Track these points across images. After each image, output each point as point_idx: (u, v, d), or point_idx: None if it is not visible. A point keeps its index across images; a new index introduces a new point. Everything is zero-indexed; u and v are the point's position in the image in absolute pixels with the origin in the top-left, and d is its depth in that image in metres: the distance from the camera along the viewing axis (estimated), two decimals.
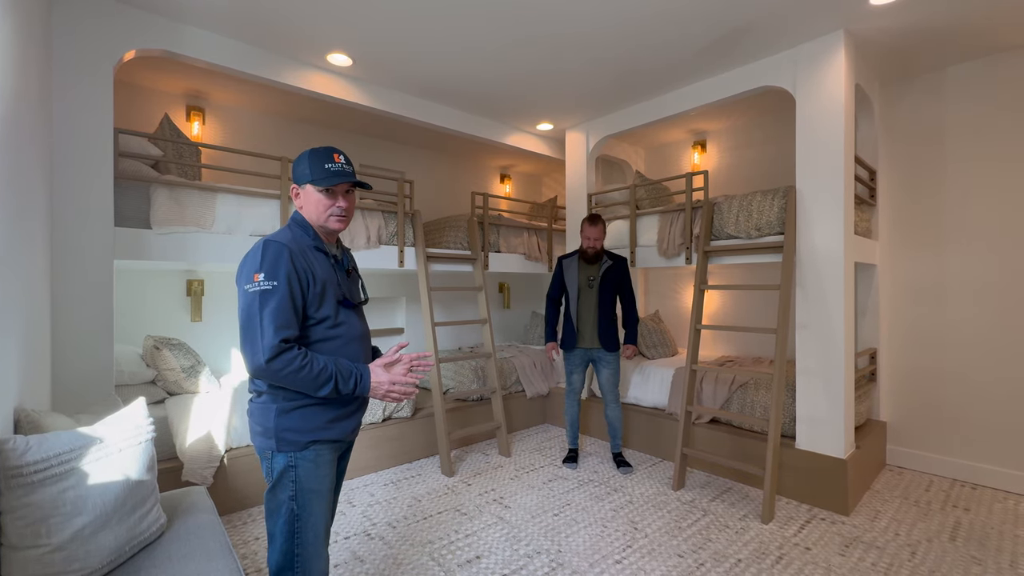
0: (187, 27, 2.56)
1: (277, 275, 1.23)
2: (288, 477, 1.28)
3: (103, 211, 2.27)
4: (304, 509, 1.29)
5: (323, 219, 1.37)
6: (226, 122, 3.76)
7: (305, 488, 1.29)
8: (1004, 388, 2.89)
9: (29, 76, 1.64)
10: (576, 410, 3.36)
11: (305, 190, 1.36)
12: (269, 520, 1.30)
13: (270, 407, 1.28)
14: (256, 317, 1.20)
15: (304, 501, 1.29)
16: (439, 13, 2.46)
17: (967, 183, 3.03)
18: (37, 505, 1.10)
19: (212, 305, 3.51)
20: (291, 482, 1.28)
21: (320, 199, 1.35)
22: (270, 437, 1.27)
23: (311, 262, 1.31)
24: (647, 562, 2.14)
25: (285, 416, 1.28)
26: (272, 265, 1.23)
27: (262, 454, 1.30)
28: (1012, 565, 2.12)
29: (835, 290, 2.67)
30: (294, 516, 1.28)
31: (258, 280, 1.22)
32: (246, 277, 1.24)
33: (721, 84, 3.17)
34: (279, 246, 1.26)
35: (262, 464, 1.31)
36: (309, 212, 1.37)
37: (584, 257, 3.20)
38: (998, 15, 2.49)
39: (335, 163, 1.34)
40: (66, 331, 2.16)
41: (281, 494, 1.28)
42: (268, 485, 1.30)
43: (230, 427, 2.63)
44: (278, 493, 1.29)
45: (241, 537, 2.35)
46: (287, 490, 1.28)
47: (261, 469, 1.33)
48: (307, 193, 1.36)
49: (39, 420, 1.33)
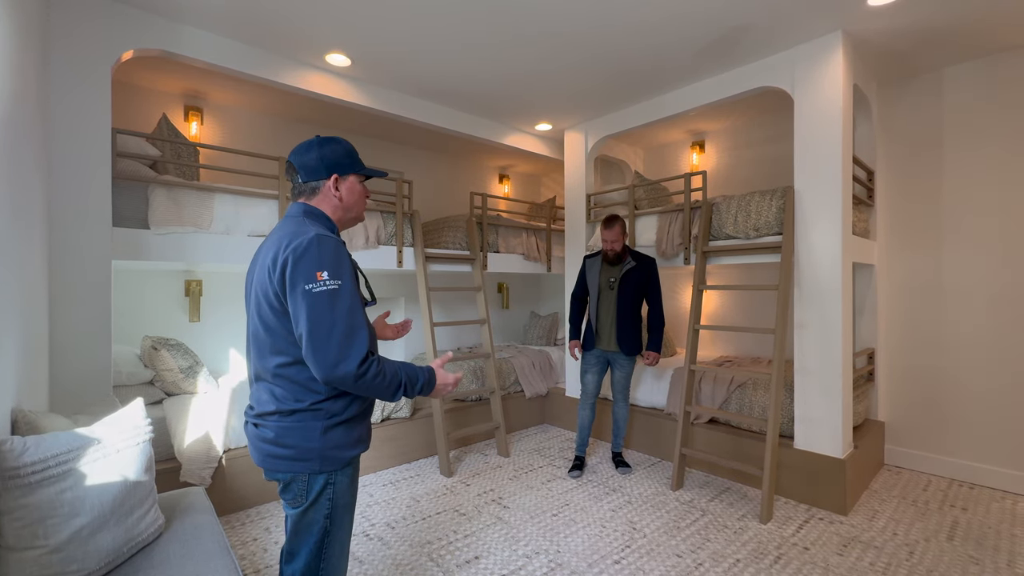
0: (185, 27, 2.55)
1: (341, 273, 1.13)
2: (325, 496, 1.19)
3: (101, 211, 2.26)
4: (335, 525, 1.22)
5: (359, 210, 1.33)
6: (224, 122, 3.75)
7: (339, 505, 1.22)
8: (1002, 388, 2.90)
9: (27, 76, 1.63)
10: (589, 416, 3.20)
11: (349, 180, 1.28)
12: (296, 538, 1.21)
13: (313, 424, 1.16)
14: (329, 321, 1.09)
15: (337, 517, 1.22)
16: (438, 13, 2.46)
17: (965, 183, 3.04)
18: (35, 506, 1.10)
19: (210, 305, 3.51)
20: (328, 500, 1.19)
21: (361, 190, 1.31)
22: (311, 458, 1.16)
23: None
24: (646, 562, 2.15)
25: (331, 432, 1.17)
26: (335, 262, 1.13)
27: (294, 477, 1.17)
28: (1010, 564, 2.13)
29: (833, 290, 2.67)
30: (325, 533, 1.21)
31: (322, 279, 1.10)
32: (306, 275, 1.10)
33: (720, 84, 3.17)
34: (335, 241, 1.16)
35: (289, 486, 1.18)
36: (348, 203, 1.29)
37: (606, 258, 3.11)
38: (995, 16, 2.50)
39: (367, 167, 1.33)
40: (64, 331, 2.15)
41: (315, 514, 1.19)
42: (299, 506, 1.18)
43: (228, 428, 2.63)
44: (311, 513, 1.19)
45: (239, 538, 2.35)
46: (323, 509, 1.19)
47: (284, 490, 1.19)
48: (351, 183, 1.29)
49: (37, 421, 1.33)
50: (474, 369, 3.84)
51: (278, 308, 1.14)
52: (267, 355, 1.18)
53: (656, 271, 3.11)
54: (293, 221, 1.22)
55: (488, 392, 3.63)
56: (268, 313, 1.16)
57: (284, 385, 1.17)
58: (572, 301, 3.34)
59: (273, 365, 1.17)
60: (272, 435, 1.17)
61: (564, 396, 4.17)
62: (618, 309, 3.05)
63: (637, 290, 3.06)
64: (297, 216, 1.24)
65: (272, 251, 1.16)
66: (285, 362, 1.16)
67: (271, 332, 1.17)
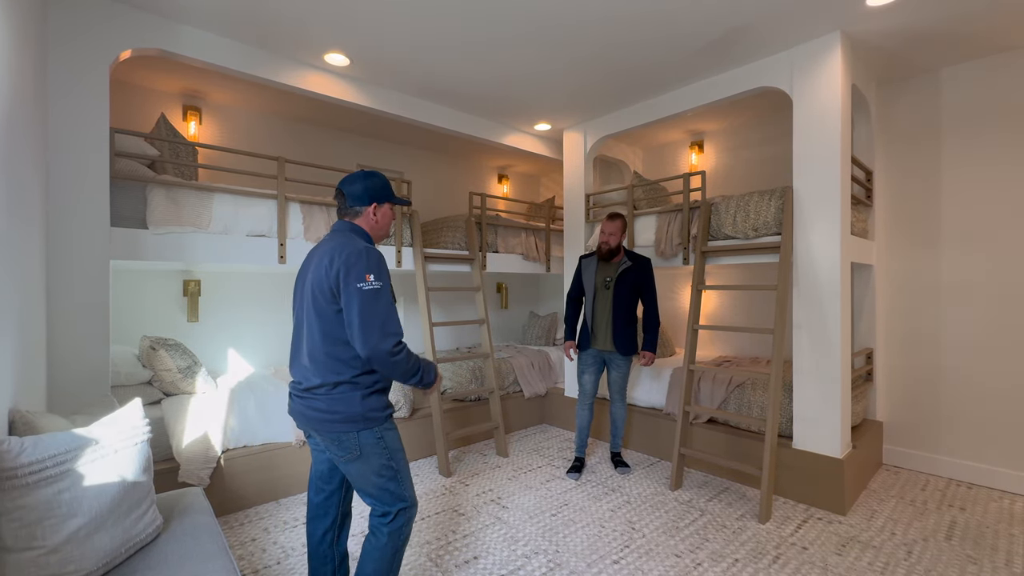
0: (183, 26, 2.55)
1: (383, 277, 1.48)
2: (380, 446, 1.51)
3: (99, 211, 2.26)
4: (398, 463, 1.55)
5: (388, 231, 1.72)
6: (223, 122, 3.75)
7: (393, 448, 1.55)
8: (1000, 387, 2.90)
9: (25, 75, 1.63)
10: (587, 416, 3.20)
11: (384, 207, 1.66)
12: (361, 481, 1.51)
13: (353, 394, 1.49)
14: (373, 311, 1.43)
15: (397, 458, 1.55)
16: (437, 13, 2.46)
17: (963, 184, 3.04)
18: (32, 507, 1.09)
19: (209, 305, 3.50)
20: (383, 449, 1.52)
21: (391, 214, 1.71)
22: (356, 420, 1.48)
23: None
24: (644, 562, 2.15)
25: (368, 399, 1.51)
26: (378, 268, 1.48)
27: (343, 435, 1.48)
28: (1007, 564, 2.13)
29: (832, 290, 2.68)
30: (393, 471, 1.53)
31: (370, 280, 1.45)
32: (357, 276, 1.44)
33: (719, 85, 3.17)
34: (379, 253, 1.53)
35: (342, 443, 1.49)
36: (382, 224, 1.67)
37: (601, 255, 3.10)
38: (993, 17, 2.51)
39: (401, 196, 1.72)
40: (62, 331, 2.15)
41: (375, 462, 1.50)
42: (354, 459, 1.49)
43: (227, 428, 2.62)
44: (371, 461, 1.50)
45: (238, 538, 2.35)
46: (381, 457, 1.51)
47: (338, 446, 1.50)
48: (385, 210, 1.66)
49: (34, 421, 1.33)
50: (473, 369, 3.84)
51: (330, 300, 1.47)
52: (318, 338, 1.49)
53: (651, 271, 3.12)
54: (342, 235, 1.58)
55: (487, 392, 3.63)
56: (322, 304, 1.48)
57: (329, 362, 1.48)
58: (568, 302, 3.34)
59: (324, 345, 1.48)
60: (323, 405, 1.49)
61: (563, 396, 4.18)
62: (614, 309, 3.05)
63: (633, 290, 3.06)
64: (345, 231, 1.60)
65: (328, 256, 1.49)
66: (334, 343, 1.48)
67: (323, 319, 1.48)
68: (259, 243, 2.81)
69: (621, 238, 3.06)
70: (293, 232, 2.94)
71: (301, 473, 2.84)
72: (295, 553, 2.22)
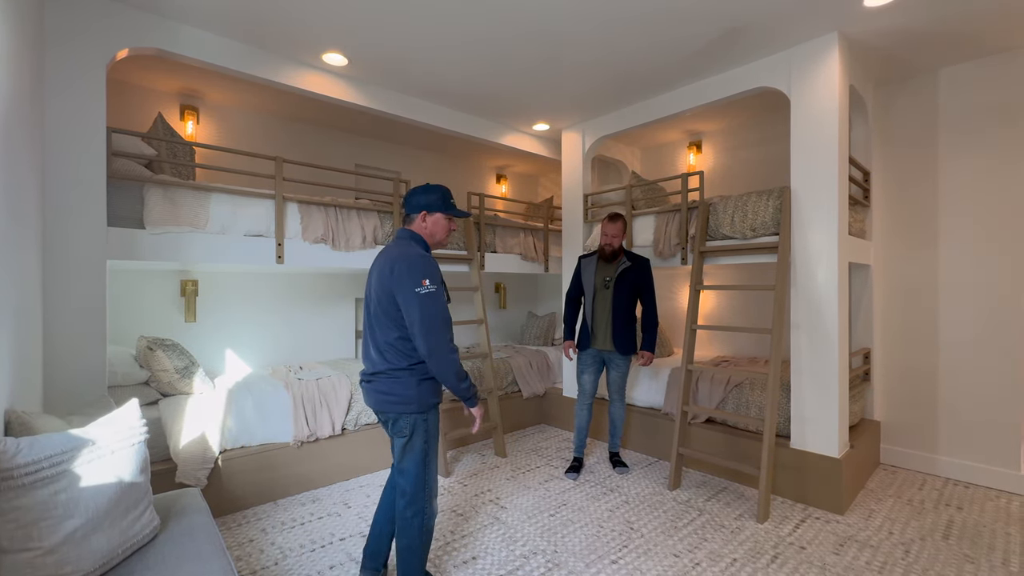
0: (181, 26, 2.54)
1: (436, 281, 1.69)
2: (422, 428, 1.74)
3: (96, 211, 2.25)
4: (431, 448, 1.77)
5: (444, 237, 1.88)
6: (220, 121, 3.74)
7: (432, 434, 1.77)
8: (997, 387, 2.91)
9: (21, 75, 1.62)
10: (586, 417, 3.20)
11: (435, 216, 1.84)
12: (405, 458, 1.74)
13: (411, 379, 1.72)
14: (435, 312, 1.66)
15: (431, 442, 1.77)
16: (435, 13, 2.46)
17: (959, 184, 3.05)
18: (28, 508, 1.09)
19: (206, 306, 3.49)
20: (424, 431, 1.74)
21: (445, 224, 1.87)
22: (411, 402, 1.72)
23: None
24: (643, 562, 2.15)
25: (421, 385, 1.74)
26: (433, 273, 1.70)
27: (398, 415, 1.73)
28: (1004, 563, 2.14)
29: (829, 290, 2.68)
30: (425, 453, 1.75)
31: (427, 284, 1.66)
32: (415, 281, 1.65)
33: (717, 85, 3.18)
34: (432, 260, 1.74)
35: (397, 422, 1.73)
36: (434, 231, 1.85)
37: (602, 256, 3.10)
38: (990, 18, 2.51)
39: (452, 200, 1.88)
40: (58, 332, 2.14)
41: (418, 440, 1.74)
42: (405, 436, 1.73)
43: (224, 428, 2.62)
44: (415, 440, 1.73)
45: (235, 539, 2.34)
46: (422, 437, 1.74)
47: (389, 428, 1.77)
48: (437, 218, 1.84)
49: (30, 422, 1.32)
50: (471, 369, 3.84)
51: (392, 300, 1.70)
52: (385, 331, 1.73)
53: (650, 271, 3.12)
54: (403, 242, 1.80)
55: (485, 392, 3.63)
56: (386, 303, 1.71)
57: (392, 352, 1.73)
58: (566, 302, 3.34)
59: (388, 337, 1.73)
60: (385, 387, 1.74)
61: (561, 396, 4.18)
62: (613, 309, 3.05)
63: (632, 290, 3.07)
64: (405, 239, 1.82)
65: (390, 262, 1.71)
66: (395, 336, 1.72)
67: (388, 316, 1.71)
68: (257, 243, 2.80)
69: (623, 239, 3.07)
70: (291, 232, 2.93)
71: (299, 474, 2.83)
72: (293, 554, 2.21)
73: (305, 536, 2.37)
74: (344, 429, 3.04)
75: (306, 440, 2.85)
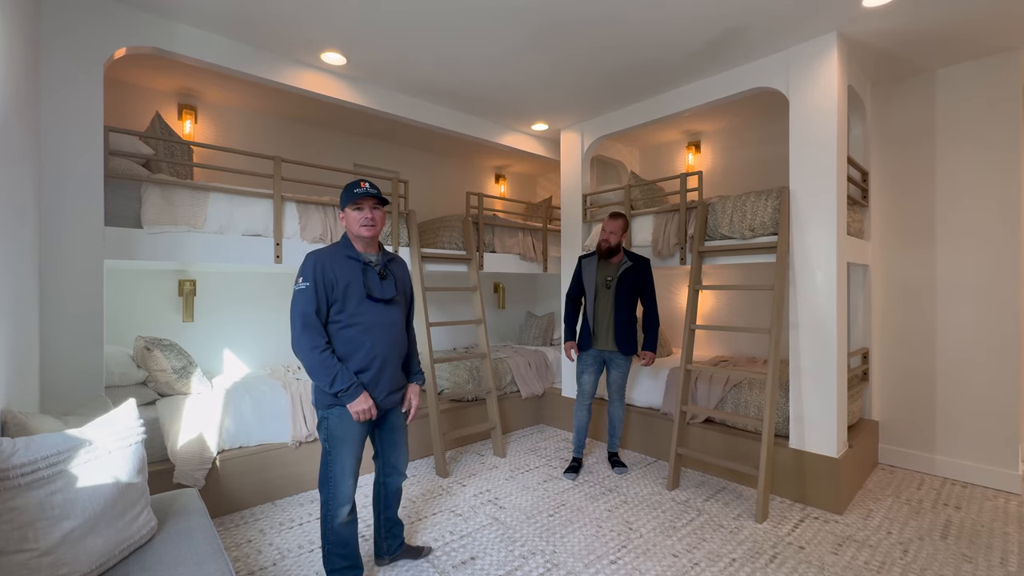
0: (179, 24, 2.53)
1: (309, 278, 1.72)
2: (324, 425, 1.81)
3: (93, 210, 2.24)
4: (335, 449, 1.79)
5: (359, 228, 1.81)
6: (218, 121, 3.73)
7: (335, 436, 1.79)
8: (994, 387, 2.92)
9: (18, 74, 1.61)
10: (585, 416, 3.20)
11: (345, 211, 1.83)
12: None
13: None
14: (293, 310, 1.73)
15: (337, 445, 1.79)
16: (434, 12, 2.46)
17: (957, 184, 3.06)
18: (24, 509, 1.08)
19: (204, 305, 3.48)
20: (325, 429, 1.81)
21: (355, 215, 1.81)
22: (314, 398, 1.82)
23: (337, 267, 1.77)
24: (642, 562, 2.15)
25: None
26: (307, 271, 1.73)
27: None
28: (1002, 562, 2.14)
29: (828, 290, 2.68)
30: (326, 451, 1.80)
31: (300, 282, 1.72)
32: (296, 280, 1.75)
33: (715, 85, 3.18)
34: (317, 256, 1.76)
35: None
36: (349, 226, 1.83)
37: (600, 253, 3.10)
38: (987, 19, 2.52)
39: (360, 188, 1.81)
40: (55, 331, 2.13)
41: (321, 437, 1.84)
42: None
43: (222, 428, 2.61)
44: (320, 436, 1.85)
45: (233, 540, 2.33)
46: (323, 435, 1.82)
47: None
48: (345, 213, 1.83)
49: (27, 422, 1.31)
50: (470, 369, 3.83)
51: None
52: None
53: (651, 271, 3.13)
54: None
55: (484, 392, 3.62)
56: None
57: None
58: (567, 302, 3.33)
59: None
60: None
61: (560, 396, 4.17)
62: (615, 308, 3.05)
63: (633, 290, 3.07)
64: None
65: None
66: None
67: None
68: (255, 243, 2.79)
69: (622, 237, 3.07)
70: (289, 232, 2.92)
71: (296, 474, 2.82)
72: (291, 555, 2.20)
73: (303, 537, 2.36)
74: None
75: (304, 440, 2.84)
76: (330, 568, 1.84)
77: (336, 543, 1.83)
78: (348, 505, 1.80)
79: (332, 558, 1.84)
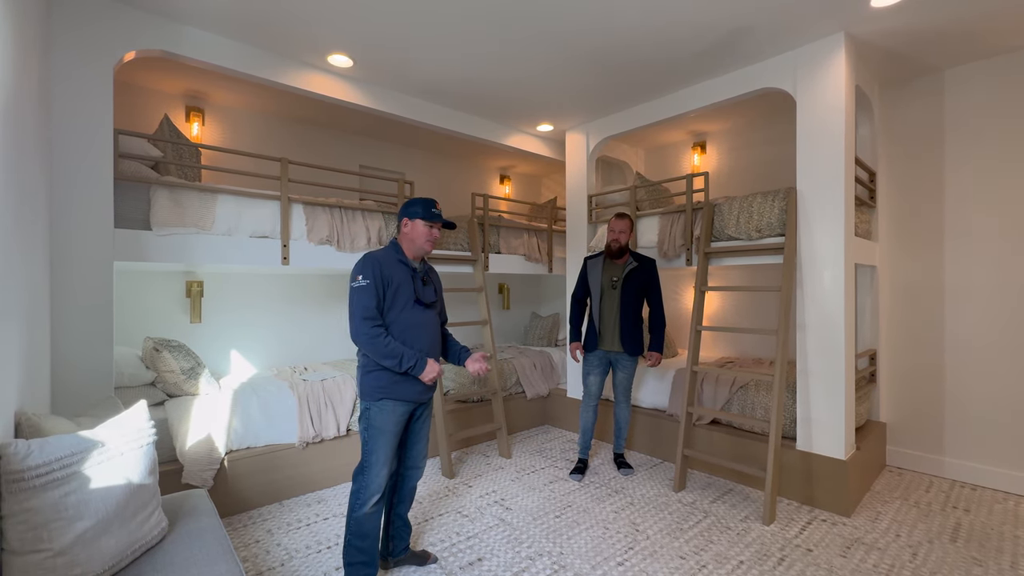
0: (187, 28, 2.55)
1: (369, 276, 1.85)
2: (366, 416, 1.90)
3: (103, 212, 2.26)
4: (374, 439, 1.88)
5: (424, 243, 1.97)
6: (226, 123, 3.75)
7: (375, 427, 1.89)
8: (1003, 389, 2.89)
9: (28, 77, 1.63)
10: (591, 417, 3.19)
11: (415, 222, 1.96)
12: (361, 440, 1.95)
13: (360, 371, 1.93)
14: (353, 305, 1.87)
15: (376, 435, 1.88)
16: (440, 15, 2.46)
17: (966, 184, 3.04)
18: (38, 510, 1.09)
19: (212, 306, 3.50)
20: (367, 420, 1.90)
21: (425, 230, 1.97)
22: (360, 389, 1.91)
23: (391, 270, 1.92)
24: (649, 564, 2.14)
25: (366, 377, 1.89)
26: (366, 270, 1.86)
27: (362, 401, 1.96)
28: (1013, 566, 2.12)
29: (835, 291, 2.67)
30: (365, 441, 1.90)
31: (360, 279, 1.84)
32: (352, 277, 1.86)
33: (722, 86, 3.17)
34: (375, 258, 1.89)
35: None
36: (413, 236, 1.97)
37: (609, 254, 3.10)
38: (997, 18, 2.50)
39: (437, 210, 1.99)
40: (66, 333, 2.15)
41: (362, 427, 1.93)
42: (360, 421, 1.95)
43: (230, 429, 2.62)
44: (360, 427, 1.93)
45: (241, 540, 2.34)
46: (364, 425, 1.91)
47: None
48: (416, 224, 1.96)
49: (40, 424, 1.32)
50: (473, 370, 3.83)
51: None
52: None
53: (656, 272, 3.12)
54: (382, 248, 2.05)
55: (489, 393, 3.63)
56: None
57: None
58: (572, 303, 3.33)
59: None
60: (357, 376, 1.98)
61: (565, 397, 4.17)
62: (621, 309, 3.05)
63: (639, 290, 3.06)
64: (387, 245, 2.06)
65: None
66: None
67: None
68: (262, 244, 2.81)
69: (630, 237, 3.07)
70: (296, 233, 2.94)
71: (304, 475, 2.84)
72: (299, 555, 2.21)
73: (311, 537, 2.37)
74: (349, 430, 3.04)
75: (311, 441, 2.85)
76: (348, 561, 1.88)
77: (357, 534, 1.87)
78: (378, 495, 1.87)
79: (350, 550, 1.88)
